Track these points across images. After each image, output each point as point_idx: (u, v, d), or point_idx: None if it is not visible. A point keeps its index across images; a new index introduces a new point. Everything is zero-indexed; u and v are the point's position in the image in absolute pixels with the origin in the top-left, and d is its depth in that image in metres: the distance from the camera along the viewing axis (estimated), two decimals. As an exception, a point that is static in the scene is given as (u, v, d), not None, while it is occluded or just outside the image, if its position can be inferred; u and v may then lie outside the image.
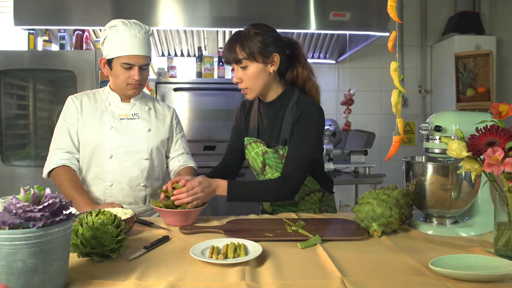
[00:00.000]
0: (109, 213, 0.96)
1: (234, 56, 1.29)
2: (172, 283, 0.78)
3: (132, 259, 0.91)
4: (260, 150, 1.40)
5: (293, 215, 1.32)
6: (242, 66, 1.30)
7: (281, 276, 0.81)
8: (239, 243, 0.96)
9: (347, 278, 0.79)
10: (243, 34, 1.31)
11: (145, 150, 1.49)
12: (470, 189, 1.11)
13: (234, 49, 1.29)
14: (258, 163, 1.41)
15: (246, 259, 0.87)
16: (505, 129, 0.89)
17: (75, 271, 0.85)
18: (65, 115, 1.47)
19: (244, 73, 1.30)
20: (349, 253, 0.95)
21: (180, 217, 1.18)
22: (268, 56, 1.31)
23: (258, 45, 1.29)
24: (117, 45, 1.38)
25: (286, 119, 1.36)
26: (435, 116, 1.19)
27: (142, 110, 1.52)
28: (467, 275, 0.78)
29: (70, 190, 1.37)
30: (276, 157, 1.36)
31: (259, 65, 1.30)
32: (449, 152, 0.94)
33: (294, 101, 1.37)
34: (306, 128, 1.32)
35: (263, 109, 1.43)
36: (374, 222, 1.08)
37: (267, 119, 1.41)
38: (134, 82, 1.43)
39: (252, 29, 1.31)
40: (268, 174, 1.40)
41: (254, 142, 1.42)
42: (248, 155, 1.44)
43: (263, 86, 1.34)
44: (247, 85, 1.32)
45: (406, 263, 0.88)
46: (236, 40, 1.30)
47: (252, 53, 1.28)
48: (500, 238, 0.95)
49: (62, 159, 1.43)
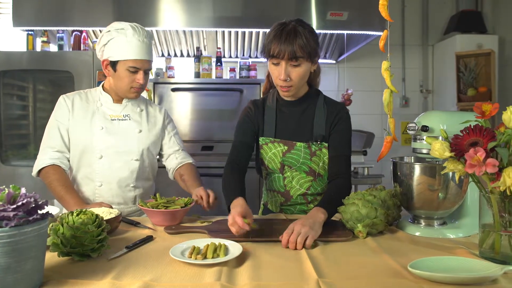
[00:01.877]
0: (91, 213, 0.96)
1: (293, 52, 1.21)
2: (147, 283, 0.77)
3: (112, 258, 0.92)
4: (280, 150, 1.36)
5: (282, 216, 1.31)
6: (295, 64, 1.24)
7: (257, 277, 0.80)
8: (221, 243, 0.96)
9: (323, 280, 0.78)
10: (298, 31, 1.23)
11: (136, 151, 1.49)
12: (457, 189, 1.09)
13: (293, 45, 1.21)
14: (277, 164, 1.37)
15: (224, 260, 0.87)
16: (488, 129, 0.87)
17: (54, 270, 0.85)
18: (56, 114, 1.48)
19: (295, 70, 1.25)
20: (331, 254, 0.94)
21: (166, 217, 1.18)
22: (316, 55, 1.30)
23: (315, 45, 1.26)
24: (125, 49, 1.39)
25: (317, 117, 1.36)
26: (422, 116, 1.18)
27: (134, 111, 1.53)
28: (444, 277, 0.77)
29: (59, 190, 1.37)
30: (307, 153, 1.34)
31: (309, 64, 1.28)
32: (432, 152, 0.93)
33: (322, 101, 1.38)
34: (345, 127, 1.36)
35: (285, 108, 1.39)
36: (359, 223, 1.06)
37: (291, 117, 1.38)
38: (138, 85, 1.45)
39: (303, 25, 1.26)
40: (287, 173, 1.37)
41: (272, 142, 1.37)
42: (265, 155, 1.39)
43: (302, 86, 1.34)
44: (293, 83, 1.27)
45: (387, 265, 0.87)
46: (295, 36, 1.22)
47: (310, 53, 1.24)
48: (485, 240, 0.93)
49: (52, 158, 1.44)
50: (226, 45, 3.08)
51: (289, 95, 1.33)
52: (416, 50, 3.57)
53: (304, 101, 1.39)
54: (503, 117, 0.85)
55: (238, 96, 2.71)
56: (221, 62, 2.90)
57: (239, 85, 2.73)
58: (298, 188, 1.36)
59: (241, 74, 2.87)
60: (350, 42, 3.10)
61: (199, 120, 2.73)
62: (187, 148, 1.68)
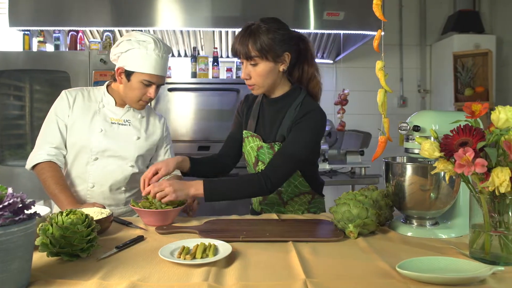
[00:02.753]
0: (80, 213, 0.96)
1: (245, 52, 1.26)
2: (134, 283, 0.77)
3: (101, 258, 0.91)
4: (256, 145, 1.40)
5: (274, 216, 1.31)
6: (252, 63, 1.28)
7: (245, 277, 0.80)
8: (210, 243, 0.96)
9: (311, 280, 0.78)
10: (255, 30, 1.26)
11: (131, 157, 1.48)
12: (449, 190, 1.09)
13: (246, 45, 1.25)
14: (252, 158, 1.42)
15: (212, 260, 0.87)
16: (478, 129, 0.87)
17: (42, 270, 0.85)
18: (57, 109, 1.46)
19: (254, 69, 1.28)
20: (321, 255, 0.94)
21: (158, 217, 1.18)
22: (279, 55, 1.29)
23: (270, 43, 1.25)
24: (143, 62, 1.38)
25: (287, 117, 1.35)
26: (414, 116, 1.18)
27: (135, 117, 1.52)
28: (432, 277, 0.76)
29: (53, 188, 1.37)
30: (271, 153, 1.35)
31: (270, 64, 1.28)
32: (421, 152, 0.92)
33: (299, 102, 1.36)
34: (303, 129, 1.31)
35: (266, 105, 1.42)
36: (350, 223, 1.06)
37: (268, 115, 1.41)
38: (147, 99, 1.45)
39: (264, 25, 1.27)
40: (260, 169, 1.39)
41: (251, 136, 1.41)
42: (245, 148, 1.45)
43: (271, 84, 1.34)
44: (255, 82, 1.31)
45: (376, 266, 0.87)
46: (249, 35, 1.25)
47: (264, 52, 1.25)
48: (476, 240, 0.93)
49: (50, 155, 1.41)
50: (224, 45, 3.08)
51: (257, 93, 1.36)
52: (414, 50, 3.57)
53: (280, 101, 1.38)
54: (492, 117, 0.85)
55: (234, 96, 2.71)
56: (217, 62, 2.90)
57: (236, 85, 2.73)
58: None
59: (238, 74, 2.87)
60: (347, 42, 3.10)
61: (196, 120, 2.73)
62: (184, 148, 1.68)
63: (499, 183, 0.80)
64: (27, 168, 1.45)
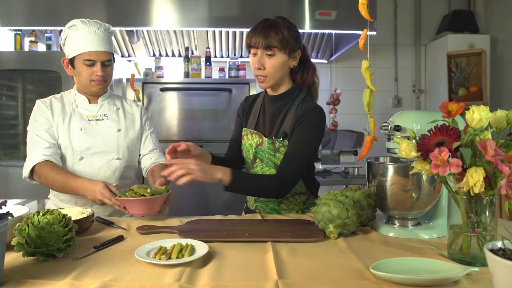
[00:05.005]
0: (57, 213, 0.96)
1: (267, 42, 1.29)
2: (106, 283, 0.77)
3: (77, 258, 0.91)
4: (255, 142, 1.41)
5: (258, 216, 1.30)
6: (270, 54, 1.30)
7: (218, 278, 0.80)
8: (188, 243, 0.95)
9: (283, 281, 0.77)
10: (276, 23, 1.32)
11: (115, 150, 1.49)
12: (430, 190, 1.08)
13: (268, 35, 1.29)
14: (250, 155, 1.43)
15: (187, 260, 0.86)
16: (455, 129, 0.86)
17: (16, 270, 0.85)
18: (38, 117, 1.46)
19: (269, 60, 1.31)
20: (298, 255, 0.94)
21: (144, 205, 1.19)
22: (294, 50, 1.35)
23: (290, 37, 1.32)
24: (77, 43, 1.40)
25: (289, 114, 1.37)
26: (396, 116, 1.17)
27: (111, 110, 1.52)
28: (405, 279, 0.76)
29: (58, 178, 1.34)
30: (271, 149, 1.37)
31: (285, 57, 1.33)
32: (399, 152, 0.92)
33: (300, 100, 1.39)
34: (307, 129, 1.33)
35: (267, 102, 1.45)
36: (331, 223, 1.06)
37: (269, 112, 1.43)
38: (97, 78, 1.43)
39: (282, 20, 1.34)
40: (257, 167, 1.41)
41: (251, 133, 1.43)
42: (243, 145, 1.46)
43: (280, 78, 1.36)
44: (267, 73, 1.33)
45: (352, 266, 0.87)
46: (270, 27, 1.30)
47: (285, 44, 1.30)
48: (455, 241, 0.92)
49: (45, 155, 1.39)
50: (217, 45, 3.07)
51: (265, 86, 1.37)
52: (409, 50, 3.56)
53: (283, 98, 1.42)
54: (466, 117, 0.84)
55: (227, 96, 2.71)
56: (210, 62, 2.90)
57: (228, 85, 2.73)
58: None
59: (230, 74, 2.86)
60: (341, 42, 3.09)
61: (188, 120, 2.72)
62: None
63: (473, 183, 0.79)
64: (24, 177, 1.43)
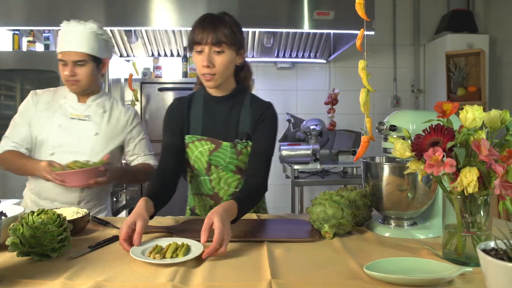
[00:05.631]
0: (52, 213, 0.96)
1: (216, 37, 1.21)
2: (99, 283, 0.77)
3: (72, 258, 0.91)
4: (207, 149, 1.32)
5: (254, 216, 1.30)
6: (219, 50, 1.23)
7: (212, 278, 0.80)
8: (184, 243, 0.95)
9: (276, 281, 0.77)
10: (223, 18, 1.26)
11: (89, 153, 1.48)
12: (426, 189, 1.08)
13: (217, 30, 1.21)
14: (203, 163, 1.33)
15: (181, 260, 0.86)
16: (449, 129, 0.86)
17: (10, 269, 0.85)
18: (22, 107, 1.54)
19: (218, 57, 1.23)
20: (293, 255, 0.94)
21: (78, 177, 1.31)
22: (241, 47, 1.30)
23: (239, 36, 1.28)
24: (58, 43, 1.46)
25: (243, 115, 1.33)
26: (392, 116, 1.17)
27: (96, 112, 1.53)
28: (399, 279, 0.76)
29: (17, 162, 1.45)
30: (233, 152, 1.31)
31: (233, 54, 1.27)
32: (393, 152, 0.92)
33: (249, 99, 1.36)
34: (270, 126, 1.34)
35: (212, 105, 1.35)
36: (326, 223, 1.06)
37: (219, 115, 1.35)
38: (68, 78, 1.45)
39: (230, 16, 1.29)
40: (214, 174, 1.34)
41: (198, 140, 1.32)
42: (190, 154, 1.33)
43: (227, 77, 1.30)
44: (217, 71, 1.24)
45: (346, 266, 0.86)
46: (218, 22, 1.24)
47: (232, 39, 1.24)
48: (450, 241, 0.92)
49: (10, 146, 1.49)
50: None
51: (213, 85, 1.27)
52: (408, 50, 3.56)
53: (230, 98, 1.35)
54: (460, 117, 0.84)
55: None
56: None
57: (227, 84, 2.72)
58: (227, 189, 1.35)
59: (229, 74, 2.86)
60: (339, 41, 3.09)
61: (187, 120, 2.71)
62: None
63: (467, 183, 0.79)
64: None
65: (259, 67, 3.46)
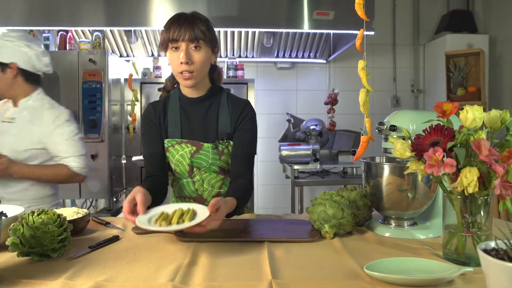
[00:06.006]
0: (52, 213, 0.96)
1: (194, 33, 1.20)
2: (99, 283, 0.77)
3: (72, 258, 0.91)
4: (188, 151, 1.30)
5: (253, 216, 1.30)
6: (196, 46, 1.22)
7: (212, 278, 0.80)
8: (190, 208, 0.96)
9: (277, 281, 0.77)
10: (197, 16, 1.26)
11: (9, 154, 1.51)
12: (426, 189, 1.08)
13: (194, 26, 1.21)
14: (185, 166, 1.31)
15: (188, 225, 0.87)
16: (449, 129, 0.86)
17: (10, 270, 0.85)
18: None
19: (196, 54, 1.22)
20: (293, 255, 0.94)
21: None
22: (215, 45, 1.30)
23: (214, 34, 1.28)
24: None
25: (222, 114, 1.32)
26: (392, 116, 1.17)
27: (22, 114, 1.58)
28: (399, 279, 0.76)
29: None
30: (215, 153, 1.30)
31: (209, 51, 1.27)
32: (393, 152, 0.92)
33: (226, 98, 1.35)
34: (250, 125, 1.34)
35: (189, 106, 1.33)
36: (326, 223, 1.06)
37: (196, 116, 1.33)
38: None
39: (201, 15, 1.28)
40: (197, 176, 1.32)
41: (178, 143, 1.31)
42: (171, 158, 1.32)
43: (203, 76, 1.29)
44: (195, 68, 1.22)
45: (347, 266, 0.86)
46: (193, 19, 1.23)
47: (208, 36, 1.24)
48: (450, 241, 0.92)
49: None
50: (216, 44, 3.07)
51: (192, 84, 1.25)
52: (407, 50, 3.56)
53: (207, 98, 1.33)
54: (460, 117, 0.84)
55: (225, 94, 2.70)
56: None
57: (226, 85, 2.71)
58: (211, 190, 1.34)
59: (229, 74, 2.87)
60: (339, 42, 3.09)
61: (187, 120, 2.71)
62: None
63: (467, 183, 0.79)
64: None
65: (259, 67, 3.46)
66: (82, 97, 2.35)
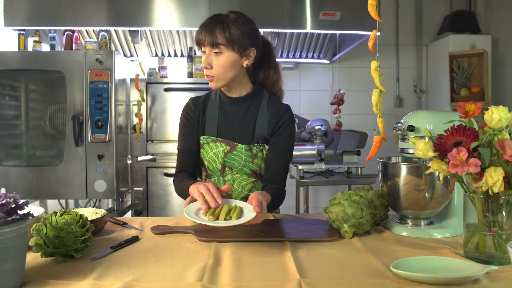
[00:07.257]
0: (74, 213, 0.96)
1: (212, 39, 1.21)
2: (128, 283, 0.77)
3: (96, 259, 0.91)
4: (221, 150, 1.31)
5: (270, 216, 1.31)
6: (217, 51, 1.22)
7: (240, 278, 0.80)
8: (236, 205, 0.97)
9: (305, 280, 0.78)
10: (224, 19, 1.23)
11: None
12: (443, 189, 1.09)
13: (214, 31, 1.21)
14: (217, 164, 1.32)
15: (235, 223, 0.87)
16: (472, 129, 0.87)
17: (36, 270, 0.85)
18: None
19: (217, 59, 1.23)
20: (315, 254, 0.94)
21: None
22: (246, 48, 1.26)
23: (239, 34, 1.23)
24: None
25: (260, 117, 1.33)
26: (409, 116, 1.18)
27: None
28: (426, 277, 0.76)
29: None
30: (248, 155, 1.31)
31: (235, 55, 1.24)
32: (415, 152, 0.93)
33: (266, 101, 1.35)
34: (288, 133, 1.34)
35: (228, 105, 1.35)
36: (345, 223, 1.06)
37: (234, 116, 1.34)
38: None
39: (234, 16, 1.25)
40: (228, 176, 1.33)
41: (213, 141, 1.32)
42: (205, 155, 1.33)
43: (232, 79, 1.28)
44: (216, 73, 1.24)
45: (370, 265, 0.87)
46: (217, 23, 1.22)
47: (232, 40, 1.21)
48: (470, 240, 0.93)
49: None
50: (220, 45, 3.07)
51: (214, 86, 1.29)
52: (410, 50, 3.58)
53: (246, 100, 1.34)
54: (485, 117, 0.85)
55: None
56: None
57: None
58: (241, 191, 1.35)
59: (235, 74, 2.86)
60: (344, 42, 3.10)
61: (192, 120, 2.72)
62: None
63: (492, 183, 0.80)
64: None
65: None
66: (89, 97, 2.34)
